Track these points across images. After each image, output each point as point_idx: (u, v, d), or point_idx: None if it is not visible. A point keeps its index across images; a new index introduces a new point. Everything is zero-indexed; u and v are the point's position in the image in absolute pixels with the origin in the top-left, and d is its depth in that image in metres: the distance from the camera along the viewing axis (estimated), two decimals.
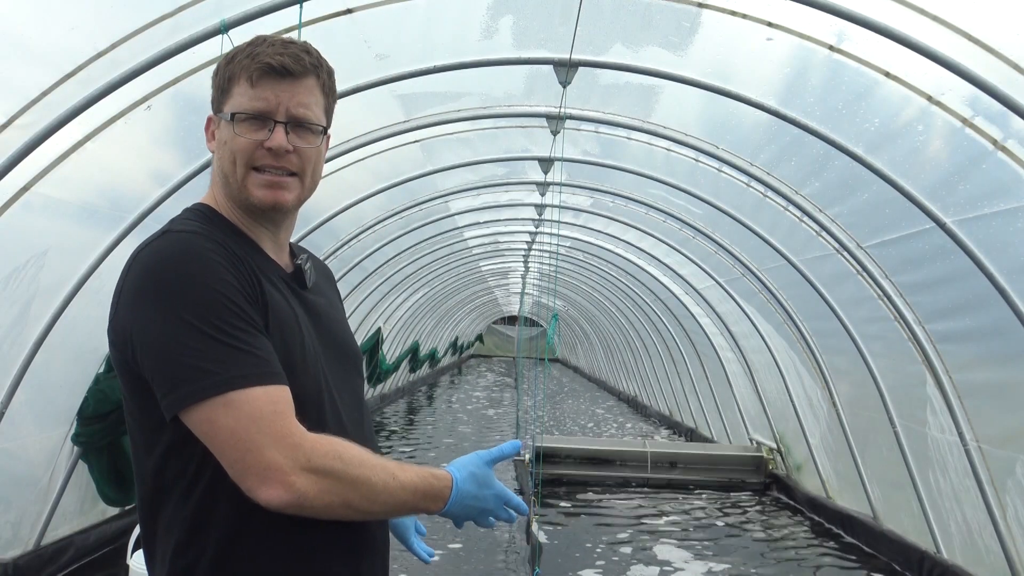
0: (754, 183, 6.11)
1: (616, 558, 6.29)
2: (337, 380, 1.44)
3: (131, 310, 1.27)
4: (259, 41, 1.38)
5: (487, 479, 1.44)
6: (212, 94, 1.43)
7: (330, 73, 1.43)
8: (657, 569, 6.06)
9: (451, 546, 6.14)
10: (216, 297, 1.24)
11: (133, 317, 1.27)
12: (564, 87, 4.87)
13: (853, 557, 6.58)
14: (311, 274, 1.50)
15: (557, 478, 8.92)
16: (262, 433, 1.21)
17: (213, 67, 1.45)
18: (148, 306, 1.25)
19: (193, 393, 1.21)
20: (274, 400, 1.24)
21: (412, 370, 18.76)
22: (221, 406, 1.21)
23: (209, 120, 1.44)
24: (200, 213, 1.43)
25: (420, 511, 1.39)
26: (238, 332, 1.24)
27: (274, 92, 1.35)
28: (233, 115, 1.36)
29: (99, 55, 3.61)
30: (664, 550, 6.55)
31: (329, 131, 1.46)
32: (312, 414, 1.35)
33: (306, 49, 1.39)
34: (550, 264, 13.89)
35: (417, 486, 1.34)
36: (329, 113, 1.44)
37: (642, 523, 7.47)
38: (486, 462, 1.45)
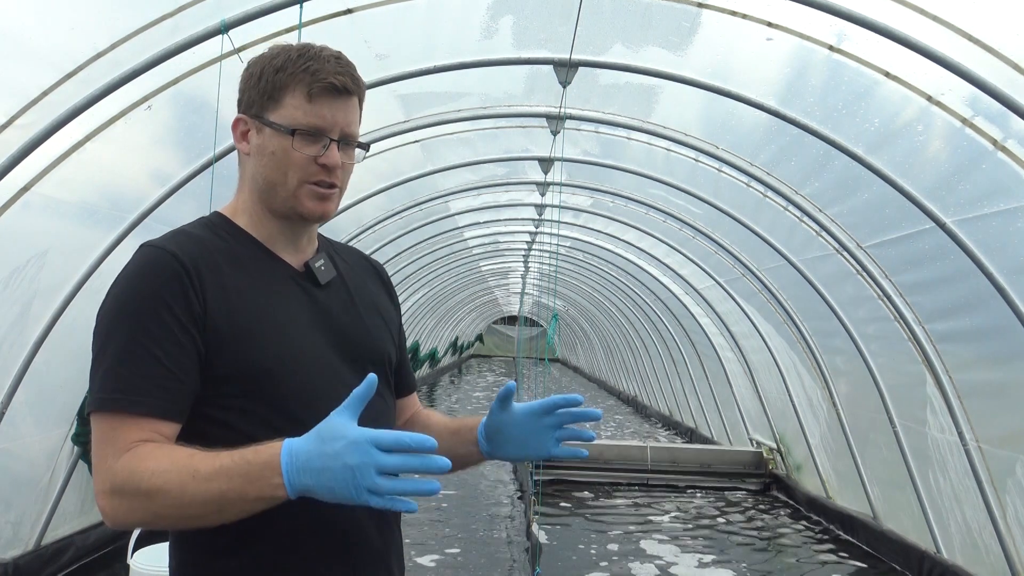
0: (754, 183, 6.11)
1: (616, 557, 6.29)
2: (345, 378, 1.43)
3: None
4: (312, 55, 1.39)
5: (336, 429, 1.14)
6: (249, 96, 1.43)
7: (364, 89, 1.49)
8: (656, 569, 6.06)
9: (448, 551, 6.11)
10: (134, 324, 1.29)
11: None
12: (564, 87, 4.87)
13: (853, 557, 6.58)
14: (326, 271, 1.50)
15: (557, 478, 8.92)
16: (98, 456, 1.27)
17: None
18: (99, 314, 1.34)
19: (88, 404, 1.31)
20: (117, 427, 1.26)
21: (412, 370, 18.74)
22: (93, 422, 1.29)
23: (238, 121, 1.44)
24: (204, 221, 1.47)
25: (260, 496, 1.17)
26: (128, 358, 1.28)
27: (331, 110, 1.39)
28: (293, 131, 1.38)
29: (99, 55, 3.61)
30: (664, 550, 6.55)
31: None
32: (301, 414, 1.34)
33: (353, 66, 1.44)
34: (550, 264, 13.89)
35: (230, 470, 1.17)
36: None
37: (642, 523, 7.47)
38: (337, 412, 1.16)
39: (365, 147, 1.47)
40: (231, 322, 1.33)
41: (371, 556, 1.42)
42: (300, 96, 1.38)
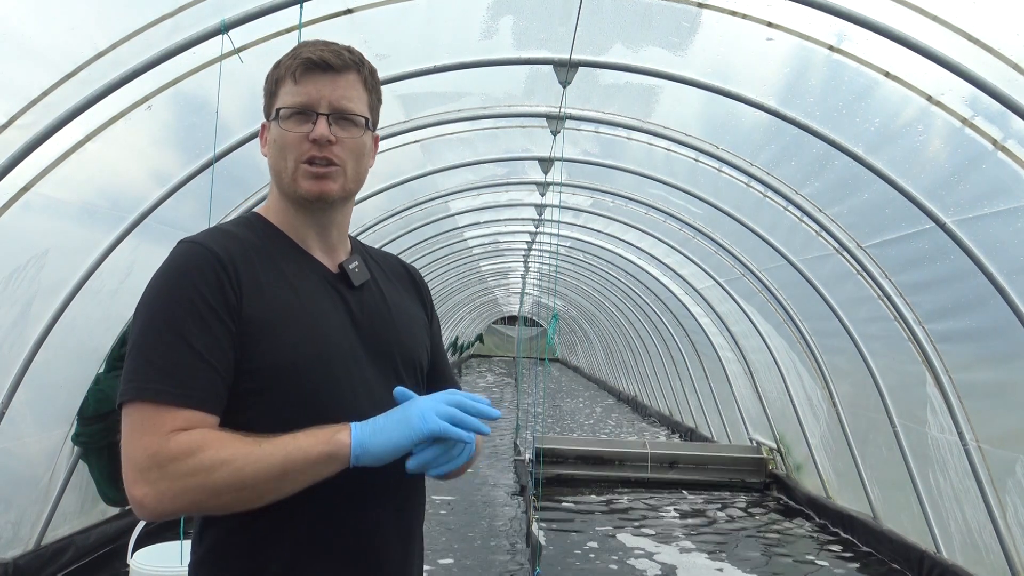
0: (754, 183, 6.11)
1: (615, 557, 6.29)
2: (374, 379, 1.43)
3: None
4: (302, 44, 1.44)
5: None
6: (264, 102, 1.48)
7: (372, 72, 1.47)
8: (656, 569, 6.06)
9: (441, 561, 6.00)
10: (170, 315, 1.30)
11: None
12: (564, 87, 4.87)
13: (853, 557, 6.58)
14: (360, 274, 1.51)
15: (557, 478, 8.92)
16: (133, 444, 1.26)
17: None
18: (137, 308, 1.35)
19: (119, 395, 1.30)
20: (153, 414, 1.25)
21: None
22: (124, 414, 1.29)
23: (263, 127, 1.49)
24: (242, 220, 1.49)
25: (322, 453, 1.25)
26: (165, 349, 1.28)
27: (316, 86, 1.40)
28: (279, 111, 1.41)
29: (99, 55, 3.61)
30: (663, 549, 6.55)
31: (377, 131, 1.51)
32: (323, 411, 1.34)
33: (348, 48, 1.44)
34: (550, 264, 13.89)
35: (296, 435, 1.25)
36: (373, 110, 1.48)
37: (642, 522, 7.47)
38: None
39: (366, 122, 1.44)
40: (263, 316, 1.34)
41: (392, 564, 1.42)
42: (289, 81, 1.41)
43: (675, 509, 8.10)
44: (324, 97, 1.39)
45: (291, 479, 1.24)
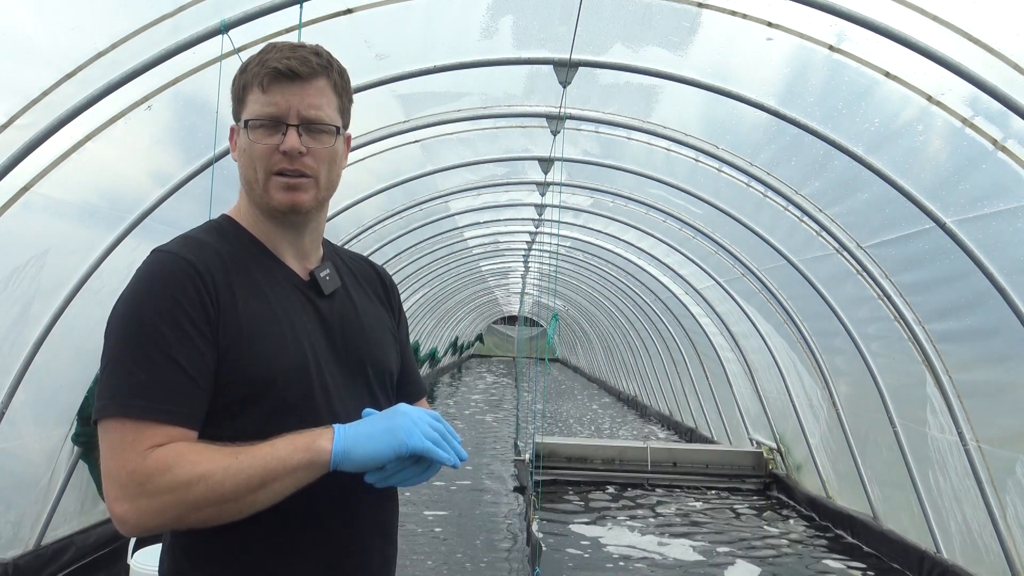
0: (754, 183, 6.11)
1: (615, 557, 6.29)
2: (345, 388, 1.42)
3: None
4: (269, 48, 1.40)
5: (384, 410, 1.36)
6: (232, 106, 1.45)
7: (341, 72, 1.44)
8: (657, 568, 6.06)
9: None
10: (151, 328, 1.27)
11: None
12: (564, 87, 4.87)
13: (853, 557, 6.58)
14: (331, 281, 1.49)
15: (557, 478, 8.92)
16: (113, 461, 1.24)
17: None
18: (112, 319, 1.33)
19: (96, 410, 1.27)
20: (133, 431, 1.23)
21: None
22: (102, 429, 1.26)
23: (232, 131, 1.46)
24: (212, 225, 1.46)
25: (302, 461, 1.25)
26: (148, 364, 1.26)
27: (284, 96, 1.36)
28: (247, 122, 1.38)
29: (99, 55, 3.61)
30: (663, 549, 6.55)
31: (348, 131, 1.48)
32: (297, 425, 1.32)
33: (315, 51, 1.40)
34: (550, 264, 13.90)
35: (274, 443, 1.25)
36: (344, 112, 1.45)
37: (642, 522, 7.47)
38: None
39: (337, 129, 1.41)
40: (238, 330, 1.32)
41: (374, 565, 1.42)
42: (256, 90, 1.38)
43: (675, 509, 8.10)
44: (293, 107, 1.36)
45: (271, 489, 1.24)
